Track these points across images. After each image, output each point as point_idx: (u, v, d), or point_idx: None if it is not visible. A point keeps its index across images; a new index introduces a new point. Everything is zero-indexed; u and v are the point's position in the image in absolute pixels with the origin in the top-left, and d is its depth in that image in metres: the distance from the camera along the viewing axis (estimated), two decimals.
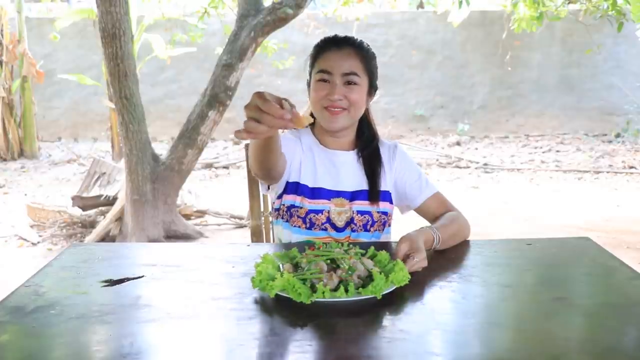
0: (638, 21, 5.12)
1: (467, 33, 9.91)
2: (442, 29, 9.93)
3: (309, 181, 1.85)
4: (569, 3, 6.88)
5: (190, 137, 4.62)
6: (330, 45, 1.82)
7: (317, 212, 1.83)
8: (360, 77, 1.79)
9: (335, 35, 1.87)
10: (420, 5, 11.58)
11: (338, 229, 1.84)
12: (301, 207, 1.84)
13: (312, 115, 1.87)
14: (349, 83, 1.77)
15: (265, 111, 1.17)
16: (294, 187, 1.86)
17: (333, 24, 9.30)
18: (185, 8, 9.01)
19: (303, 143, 1.88)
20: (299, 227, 1.84)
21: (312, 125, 1.91)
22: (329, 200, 1.84)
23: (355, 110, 1.81)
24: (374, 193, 1.86)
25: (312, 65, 1.85)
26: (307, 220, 1.83)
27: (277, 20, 4.46)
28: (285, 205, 1.86)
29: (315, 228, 1.83)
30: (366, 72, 1.81)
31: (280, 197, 1.89)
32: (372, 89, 1.87)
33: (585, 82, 10.04)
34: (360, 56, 1.81)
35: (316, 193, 1.85)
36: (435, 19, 9.88)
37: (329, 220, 1.83)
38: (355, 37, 1.86)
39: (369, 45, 1.87)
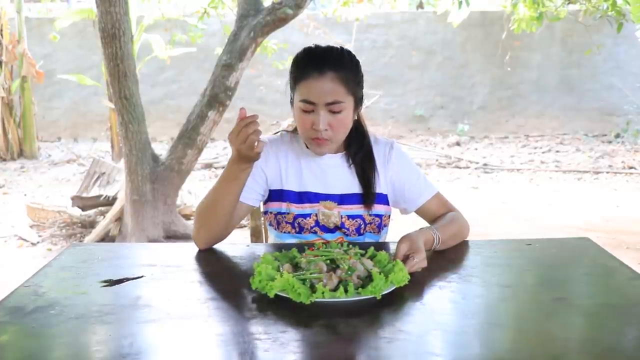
0: (638, 22, 5.12)
1: (467, 33, 9.91)
2: (442, 30, 9.93)
3: (294, 186, 1.82)
4: (568, 3, 6.89)
5: (190, 138, 4.61)
6: (310, 69, 1.69)
7: (305, 216, 1.81)
8: (345, 101, 1.70)
9: (315, 52, 1.75)
10: (420, 6, 11.58)
11: (328, 232, 1.82)
12: (288, 213, 1.82)
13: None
14: (333, 111, 1.70)
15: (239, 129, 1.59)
16: (278, 195, 1.84)
17: (333, 24, 9.30)
18: (185, 8, 9.01)
19: (287, 152, 1.84)
20: (289, 232, 1.83)
21: None
22: (317, 202, 1.82)
23: (341, 135, 1.76)
24: (368, 197, 1.82)
25: (293, 87, 1.76)
26: (296, 224, 1.82)
27: (277, 20, 4.45)
28: (272, 213, 1.85)
29: (305, 232, 1.82)
30: (350, 93, 1.72)
31: (265, 203, 1.89)
32: (359, 102, 1.78)
33: (585, 82, 10.04)
34: (343, 79, 1.69)
35: (303, 197, 1.82)
36: (435, 20, 9.88)
37: (317, 223, 1.81)
38: (335, 50, 1.75)
39: (351, 56, 1.76)
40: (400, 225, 2.00)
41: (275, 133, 1.95)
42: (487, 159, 8.32)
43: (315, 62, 1.71)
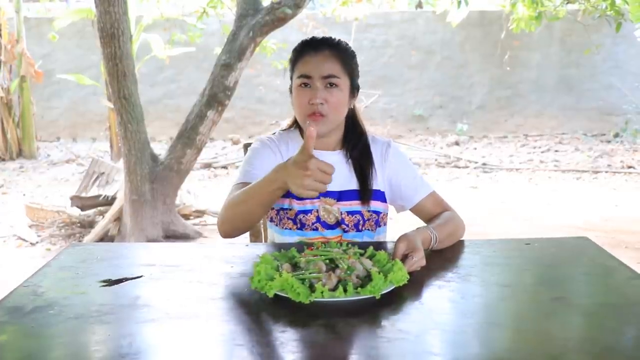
0: (636, 21, 5.13)
1: (466, 33, 9.92)
2: (441, 29, 9.93)
3: None
4: (567, 3, 6.89)
5: (189, 137, 4.61)
6: (308, 48, 1.80)
7: (306, 212, 1.82)
8: (341, 78, 1.77)
9: (313, 37, 1.85)
10: (419, 5, 11.58)
11: (329, 228, 1.83)
12: (290, 209, 1.83)
13: (295, 121, 1.88)
14: (330, 85, 1.76)
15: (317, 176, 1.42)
16: None
17: (332, 24, 9.30)
18: (184, 8, 9.01)
19: (289, 148, 1.87)
20: (290, 228, 1.84)
21: (301, 130, 1.89)
22: (318, 199, 1.83)
23: (337, 114, 1.79)
24: (365, 193, 1.84)
25: (292, 70, 1.83)
26: (298, 221, 1.82)
27: (276, 20, 4.45)
28: (275, 209, 1.86)
29: (306, 228, 1.82)
30: (346, 73, 1.79)
31: None
32: (354, 89, 1.84)
33: (584, 82, 10.05)
34: (339, 57, 1.78)
35: None
36: (434, 19, 9.89)
37: (318, 219, 1.82)
38: (334, 38, 1.84)
39: (348, 45, 1.85)
40: (400, 225, 2.00)
41: (272, 134, 1.96)
42: (486, 158, 8.32)
43: (313, 42, 1.82)
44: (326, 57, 1.77)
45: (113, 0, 4.06)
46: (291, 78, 1.84)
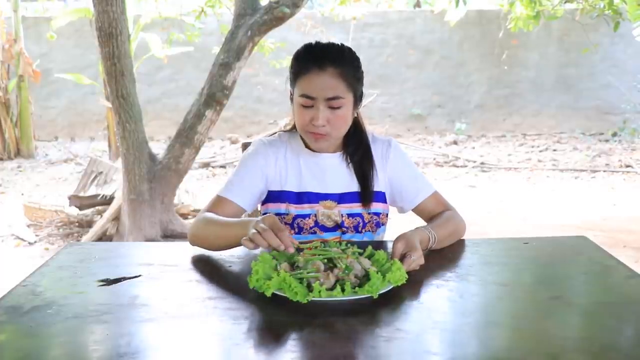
0: (634, 20, 5.12)
1: (464, 32, 9.91)
2: (439, 28, 9.93)
3: (294, 187, 1.83)
4: (565, 2, 6.89)
5: (187, 137, 4.61)
6: (311, 64, 1.70)
7: (304, 216, 1.81)
8: (345, 97, 1.71)
9: (317, 45, 1.76)
10: (417, 5, 11.58)
11: (327, 231, 1.81)
12: (287, 214, 1.82)
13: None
14: (332, 107, 1.70)
15: (266, 239, 1.43)
16: (277, 195, 1.84)
17: (330, 23, 9.30)
18: (182, 7, 8.99)
19: (287, 151, 1.85)
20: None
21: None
22: (317, 203, 1.82)
23: (340, 131, 1.77)
24: (366, 195, 1.82)
25: (293, 80, 1.76)
26: (295, 225, 1.81)
27: (274, 19, 4.45)
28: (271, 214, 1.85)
29: (304, 232, 1.81)
30: (350, 89, 1.73)
31: (264, 204, 1.89)
32: (358, 100, 1.79)
33: (582, 81, 10.05)
34: (343, 75, 1.70)
35: (302, 197, 1.82)
36: (432, 18, 9.89)
37: (317, 223, 1.81)
38: (336, 46, 1.76)
39: (352, 53, 1.78)
40: (398, 225, 2.00)
41: (272, 134, 1.95)
42: (484, 157, 8.32)
43: (316, 57, 1.72)
44: (330, 77, 1.69)
45: (111, 0, 4.05)
46: (292, 85, 1.77)
